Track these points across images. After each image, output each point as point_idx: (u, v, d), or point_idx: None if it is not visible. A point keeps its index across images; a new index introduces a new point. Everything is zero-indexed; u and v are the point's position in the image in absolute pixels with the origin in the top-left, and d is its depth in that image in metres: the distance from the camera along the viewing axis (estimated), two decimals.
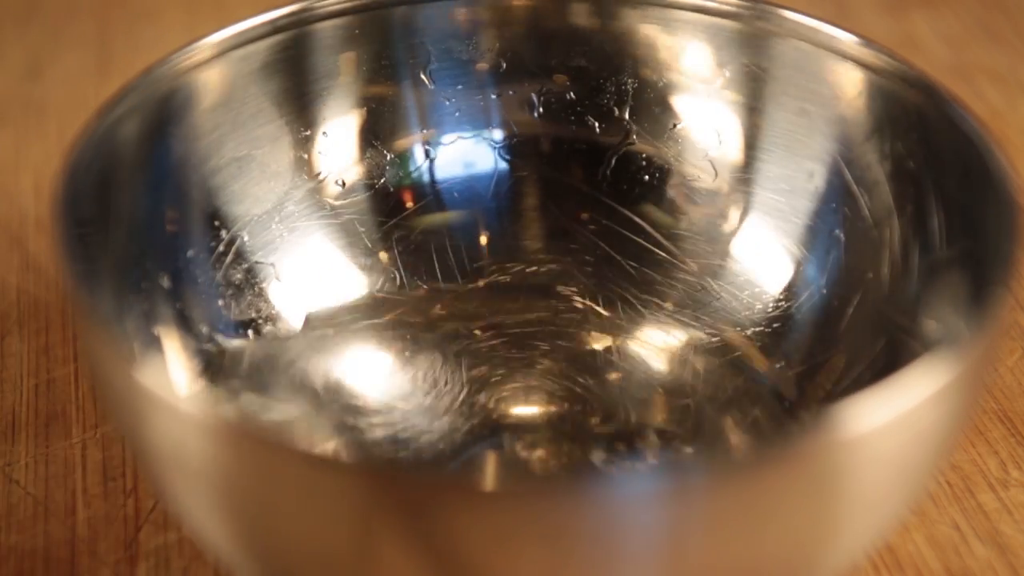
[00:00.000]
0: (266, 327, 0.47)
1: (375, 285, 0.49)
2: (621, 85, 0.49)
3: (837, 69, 0.46)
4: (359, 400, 0.45)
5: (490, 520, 0.33)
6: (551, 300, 0.48)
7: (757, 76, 0.48)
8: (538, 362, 0.46)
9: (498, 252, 0.50)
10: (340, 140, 0.49)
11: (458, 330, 0.47)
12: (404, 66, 0.49)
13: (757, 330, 0.47)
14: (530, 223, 0.50)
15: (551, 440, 0.44)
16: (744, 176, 0.48)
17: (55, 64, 0.65)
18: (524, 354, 0.46)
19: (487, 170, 0.50)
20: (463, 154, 0.50)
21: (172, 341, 0.44)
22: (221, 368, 0.45)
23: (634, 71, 0.49)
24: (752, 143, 0.48)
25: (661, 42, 0.49)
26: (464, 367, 0.46)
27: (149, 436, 0.36)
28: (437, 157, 0.50)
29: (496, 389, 0.45)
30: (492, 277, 0.49)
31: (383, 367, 0.46)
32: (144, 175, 0.44)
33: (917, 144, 0.44)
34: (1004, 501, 0.45)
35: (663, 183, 0.49)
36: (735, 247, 0.48)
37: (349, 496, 0.34)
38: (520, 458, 0.43)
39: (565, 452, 0.43)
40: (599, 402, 0.45)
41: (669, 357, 0.46)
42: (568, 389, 0.45)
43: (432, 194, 0.50)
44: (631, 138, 0.49)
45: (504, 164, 0.50)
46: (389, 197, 0.50)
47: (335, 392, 0.45)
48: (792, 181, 0.47)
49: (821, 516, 0.35)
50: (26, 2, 0.69)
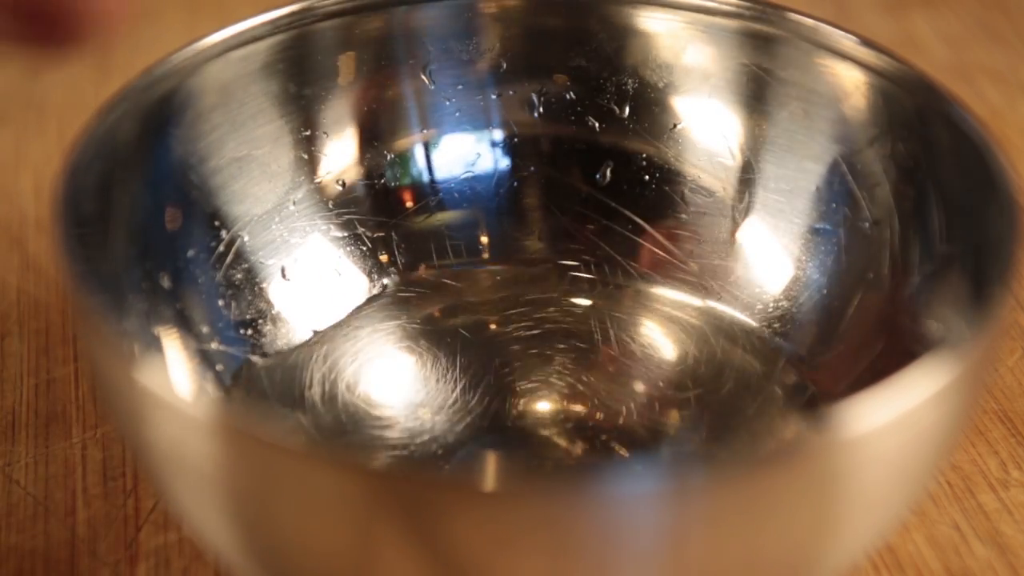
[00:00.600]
0: (266, 327, 0.47)
1: (375, 285, 0.49)
2: (621, 85, 0.49)
3: (837, 69, 0.46)
4: (360, 400, 0.45)
5: (491, 520, 0.33)
6: (551, 300, 0.48)
7: (757, 76, 0.48)
8: (539, 361, 0.46)
9: (498, 252, 0.50)
10: (340, 140, 0.49)
11: (459, 330, 0.47)
12: (404, 66, 0.49)
13: (757, 330, 0.47)
14: (530, 223, 0.50)
15: (554, 439, 0.44)
16: (744, 176, 0.48)
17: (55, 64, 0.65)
18: (525, 354, 0.46)
19: (487, 170, 0.50)
20: (463, 154, 0.50)
21: (172, 341, 0.44)
22: (222, 370, 0.45)
23: (634, 71, 0.49)
24: (752, 143, 0.48)
25: (661, 42, 0.49)
26: (465, 367, 0.46)
27: (149, 436, 0.36)
28: (437, 157, 0.50)
29: (498, 388, 0.45)
30: (492, 277, 0.49)
31: (383, 367, 0.46)
32: (144, 175, 0.44)
33: (917, 144, 0.44)
34: (1004, 501, 0.45)
35: (663, 183, 0.49)
36: (735, 247, 0.48)
37: (349, 496, 0.34)
38: (522, 457, 0.43)
39: (569, 450, 0.43)
40: (602, 400, 0.45)
41: (670, 357, 0.46)
42: (571, 387, 0.45)
43: (432, 194, 0.50)
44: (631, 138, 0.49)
45: (504, 164, 0.50)
46: (389, 197, 0.50)
47: (336, 392, 0.45)
48: (792, 181, 0.47)
49: (821, 516, 0.35)
50: None
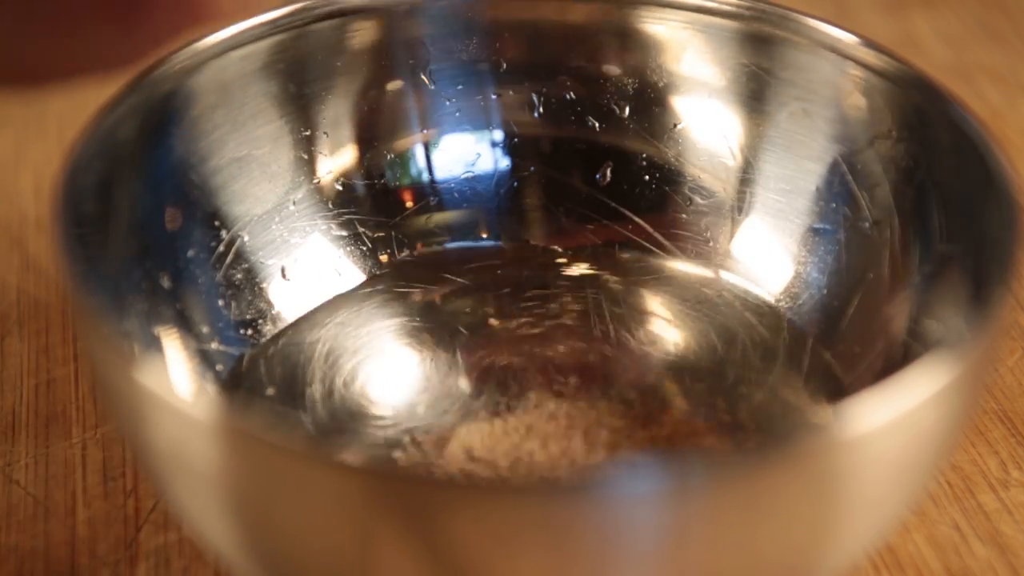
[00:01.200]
0: (266, 327, 0.47)
1: (375, 285, 0.49)
2: (621, 85, 0.49)
3: (837, 69, 0.46)
4: (360, 400, 0.45)
5: (491, 520, 0.33)
6: (552, 299, 0.48)
7: (757, 76, 0.48)
8: (539, 362, 0.46)
9: (498, 252, 0.50)
10: (340, 140, 0.49)
11: (459, 330, 0.47)
12: (404, 66, 0.49)
13: (757, 330, 0.47)
14: (530, 223, 0.50)
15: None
16: (744, 176, 0.48)
17: None
18: (526, 353, 0.46)
19: (487, 170, 0.50)
20: (463, 154, 0.50)
21: (172, 341, 0.44)
22: (221, 370, 0.45)
23: (634, 71, 0.49)
24: (752, 143, 0.48)
25: (661, 42, 0.49)
26: (466, 366, 0.46)
27: (149, 436, 0.36)
28: (437, 157, 0.50)
29: (501, 388, 0.45)
30: (492, 277, 0.49)
31: (384, 366, 0.46)
32: (144, 175, 0.44)
33: (917, 144, 0.44)
34: (1004, 501, 0.45)
35: (663, 183, 0.49)
36: (735, 247, 0.48)
37: (349, 496, 0.34)
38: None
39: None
40: (603, 399, 0.45)
41: (669, 355, 0.47)
42: (572, 386, 0.45)
43: (432, 194, 0.50)
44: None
45: (504, 164, 0.50)
46: (389, 197, 0.50)
47: (336, 391, 0.45)
48: (792, 181, 0.47)
49: (821, 516, 0.35)
50: None
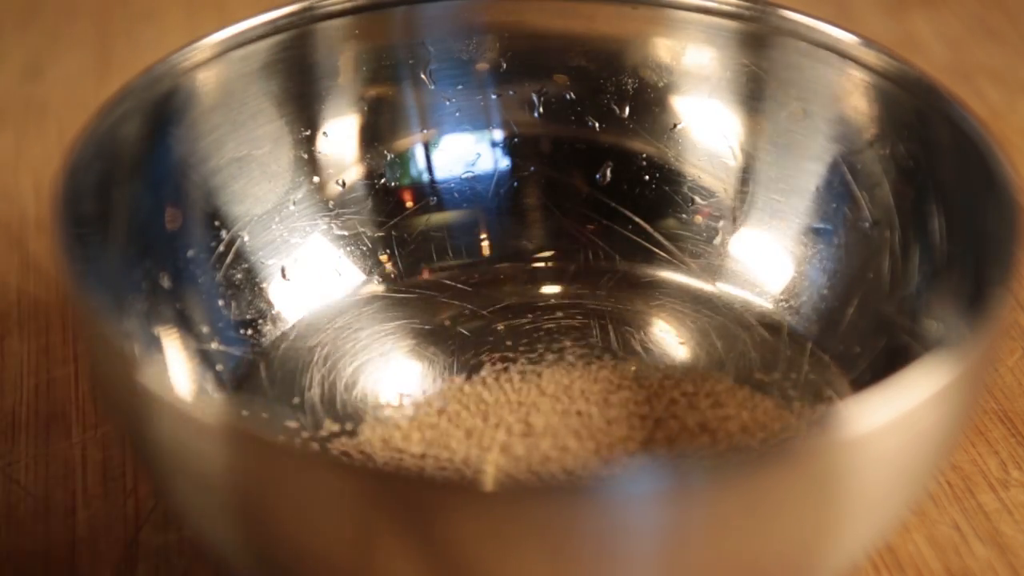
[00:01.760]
0: (266, 327, 0.47)
1: (375, 285, 0.49)
2: (621, 85, 0.49)
3: (837, 69, 0.46)
4: (361, 400, 0.45)
5: (491, 521, 0.33)
6: (552, 299, 0.48)
7: (757, 76, 0.48)
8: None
9: (498, 252, 0.50)
10: (340, 140, 0.49)
11: (459, 330, 0.47)
12: (404, 66, 0.49)
13: (757, 330, 0.47)
14: (530, 223, 0.50)
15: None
16: (744, 176, 0.48)
17: (55, 64, 0.65)
18: (527, 353, 0.46)
19: (487, 170, 0.50)
20: (463, 154, 0.50)
21: (172, 341, 0.44)
22: (222, 370, 0.45)
23: (634, 71, 0.49)
24: (752, 143, 0.48)
25: (661, 42, 0.49)
26: (466, 366, 0.46)
27: (149, 436, 0.36)
28: (437, 157, 0.50)
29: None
30: (492, 277, 0.49)
31: (384, 367, 0.46)
32: (144, 175, 0.44)
33: (917, 144, 0.44)
34: (1004, 501, 0.45)
35: (663, 183, 0.49)
36: (735, 247, 0.48)
37: (350, 497, 0.34)
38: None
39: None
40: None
41: (670, 355, 0.47)
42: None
43: (432, 194, 0.50)
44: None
45: (504, 164, 0.50)
46: (389, 197, 0.50)
47: (336, 392, 0.45)
48: (792, 181, 0.48)
49: (822, 516, 0.35)
50: (26, 2, 0.69)
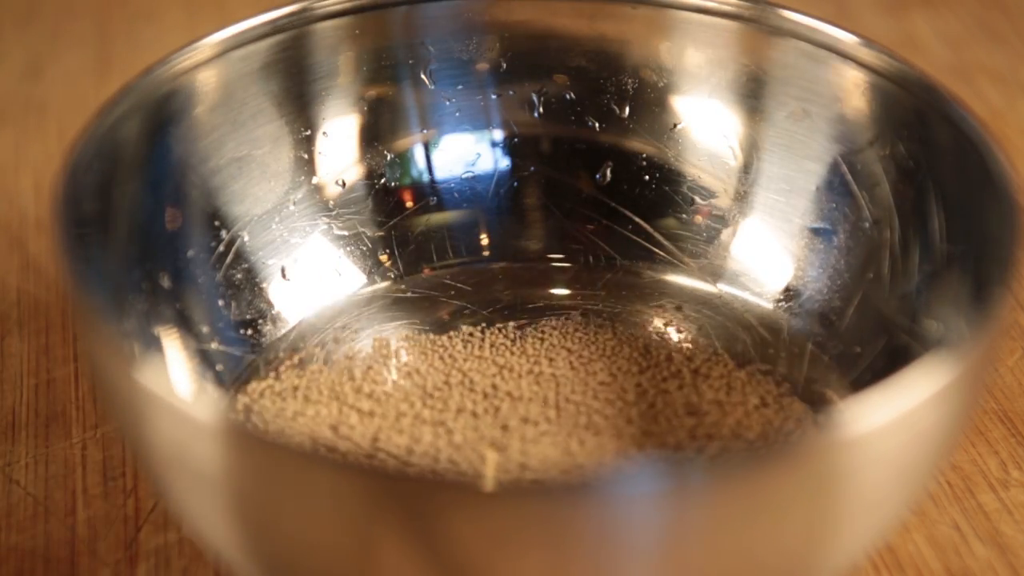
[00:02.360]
0: (266, 327, 0.47)
1: (375, 285, 0.49)
2: (621, 85, 0.49)
3: (837, 69, 0.46)
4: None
5: (491, 521, 0.33)
6: (552, 299, 0.48)
7: (757, 76, 0.48)
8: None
9: (498, 252, 0.50)
10: (340, 140, 0.49)
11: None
12: (404, 66, 0.49)
13: (757, 330, 0.47)
14: (530, 223, 0.50)
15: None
16: (744, 176, 0.48)
17: (55, 64, 0.65)
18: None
19: (487, 170, 0.50)
20: (463, 154, 0.50)
21: (172, 341, 0.44)
22: (221, 370, 0.45)
23: (634, 71, 0.49)
24: (752, 143, 0.48)
25: (661, 42, 0.49)
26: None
27: (149, 436, 0.36)
28: (437, 157, 0.50)
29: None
30: (492, 277, 0.49)
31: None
32: (144, 175, 0.44)
33: (917, 144, 0.44)
34: (1004, 501, 0.45)
35: (663, 183, 0.49)
36: (735, 247, 0.48)
37: (350, 497, 0.34)
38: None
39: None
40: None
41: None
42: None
43: (432, 194, 0.50)
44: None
45: (504, 164, 0.50)
46: (389, 197, 0.50)
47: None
48: (792, 181, 0.48)
49: (821, 516, 0.35)
50: (26, 2, 0.69)
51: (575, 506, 0.33)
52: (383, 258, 0.49)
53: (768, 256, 0.48)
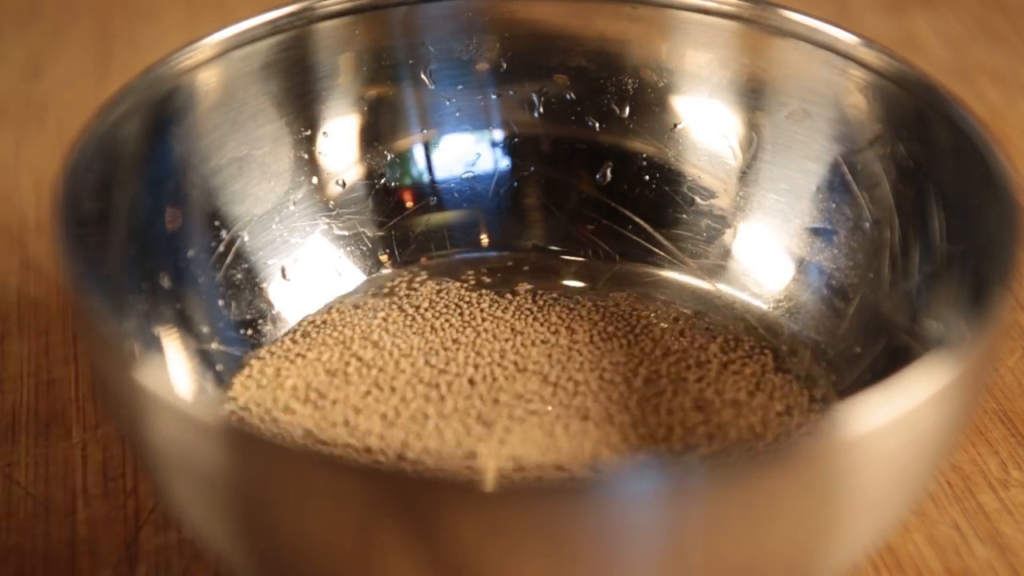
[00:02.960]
0: (266, 327, 0.47)
1: (375, 285, 0.49)
2: (621, 85, 0.49)
3: (837, 69, 0.46)
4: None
5: (491, 521, 0.33)
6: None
7: (757, 76, 0.48)
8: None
9: (498, 252, 0.50)
10: (340, 140, 0.49)
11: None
12: (404, 66, 0.49)
13: (758, 330, 0.47)
14: (530, 223, 0.50)
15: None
16: (744, 176, 0.48)
17: (55, 64, 0.65)
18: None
19: (487, 170, 0.50)
20: (463, 154, 0.50)
21: (172, 341, 0.44)
22: (222, 370, 0.45)
23: (634, 71, 0.49)
24: (752, 143, 0.48)
25: (661, 42, 0.49)
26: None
27: (149, 436, 0.36)
28: (437, 157, 0.50)
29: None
30: (492, 278, 0.49)
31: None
32: (144, 175, 0.44)
33: (917, 144, 0.44)
34: (1004, 501, 0.45)
35: (663, 183, 0.49)
36: (735, 247, 0.48)
37: (349, 497, 0.34)
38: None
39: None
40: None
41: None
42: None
43: (432, 194, 0.50)
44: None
45: (504, 164, 0.50)
46: (389, 197, 0.50)
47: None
48: (792, 181, 0.48)
49: (822, 516, 0.35)
50: (26, 2, 0.69)
51: (575, 506, 0.33)
52: (383, 258, 0.49)
53: (768, 256, 0.48)
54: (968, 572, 0.43)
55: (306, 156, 0.48)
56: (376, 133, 0.49)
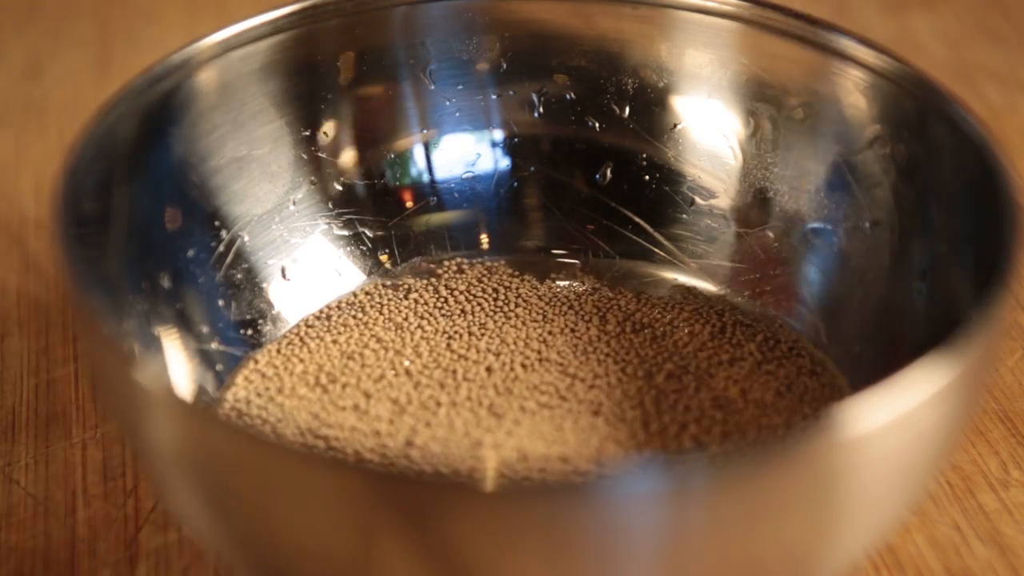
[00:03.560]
0: (266, 327, 0.47)
1: (375, 285, 0.49)
2: (621, 85, 0.49)
3: (837, 69, 0.46)
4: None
5: (491, 521, 0.33)
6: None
7: (757, 76, 0.48)
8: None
9: (498, 252, 0.50)
10: (340, 140, 0.49)
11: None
12: (404, 66, 0.49)
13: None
14: (530, 223, 0.50)
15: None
16: (744, 176, 0.48)
17: (55, 64, 0.65)
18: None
19: (487, 170, 0.50)
20: (463, 154, 0.50)
21: (172, 341, 0.44)
22: (222, 370, 0.45)
23: (634, 71, 0.49)
24: (752, 143, 0.48)
25: (661, 42, 0.49)
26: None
27: (149, 436, 0.36)
28: (437, 157, 0.50)
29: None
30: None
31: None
32: (144, 175, 0.44)
33: (917, 144, 0.44)
34: (1004, 501, 0.45)
35: (663, 183, 0.49)
36: (735, 247, 0.48)
37: (350, 497, 0.34)
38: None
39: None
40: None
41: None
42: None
43: (432, 194, 0.50)
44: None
45: (504, 164, 0.50)
46: (389, 197, 0.50)
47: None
48: (792, 181, 0.47)
49: (822, 516, 0.35)
50: (26, 2, 0.69)
51: (575, 506, 0.33)
52: (383, 258, 0.49)
53: (768, 256, 0.48)
54: (968, 572, 0.43)
55: (306, 156, 0.48)
56: (376, 133, 0.49)
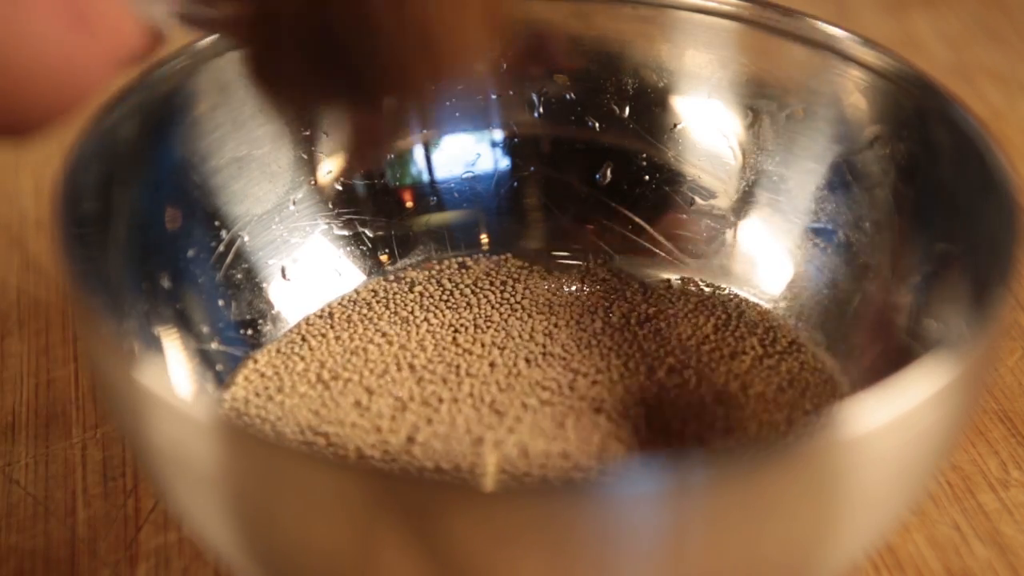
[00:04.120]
0: (266, 327, 0.47)
1: (375, 285, 0.49)
2: (621, 85, 0.49)
3: (837, 69, 0.46)
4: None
5: (491, 521, 0.33)
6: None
7: (757, 76, 0.48)
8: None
9: (498, 252, 0.50)
10: (340, 140, 0.49)
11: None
12: None
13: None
14: (530, 223, 0.50)
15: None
16: (744, 176, 0.48)
17: None
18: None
19: (487, 170, 0.50)
20: (463, 154, 0.50)
21: (172, 341, 0.44)
22: (222, 370, 0.45)
23: (634, 71, 0.49)
24: (752, 143, 0.48)
25: (661, 42, 0.49)
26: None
27: (149, 436, 0.36)
28: (437, 157, 0.50)
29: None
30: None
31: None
32: (144, 175, 0.44)
33: (917, 144, 0.44)
34: (1004, 501, 0.45)
35: (663, 183, 0.49)
36: (735, 247, 0.48)
37: (349, 497, 0.34)
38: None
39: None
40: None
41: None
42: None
43: (432, 194, 0.50)
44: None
45: (504, 164, 0.50)
46: (389, 197, 0.50)
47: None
48: (792, 181, 0.48)
49: (821, 516, 0.35)
50: None
51: (575, 506, 0.33)
52: (383, 258, 0.49)
53: (768, 256, 0.48)
54: (968, 572, 0.43)
55: (306, 156, 0.48)
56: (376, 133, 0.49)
